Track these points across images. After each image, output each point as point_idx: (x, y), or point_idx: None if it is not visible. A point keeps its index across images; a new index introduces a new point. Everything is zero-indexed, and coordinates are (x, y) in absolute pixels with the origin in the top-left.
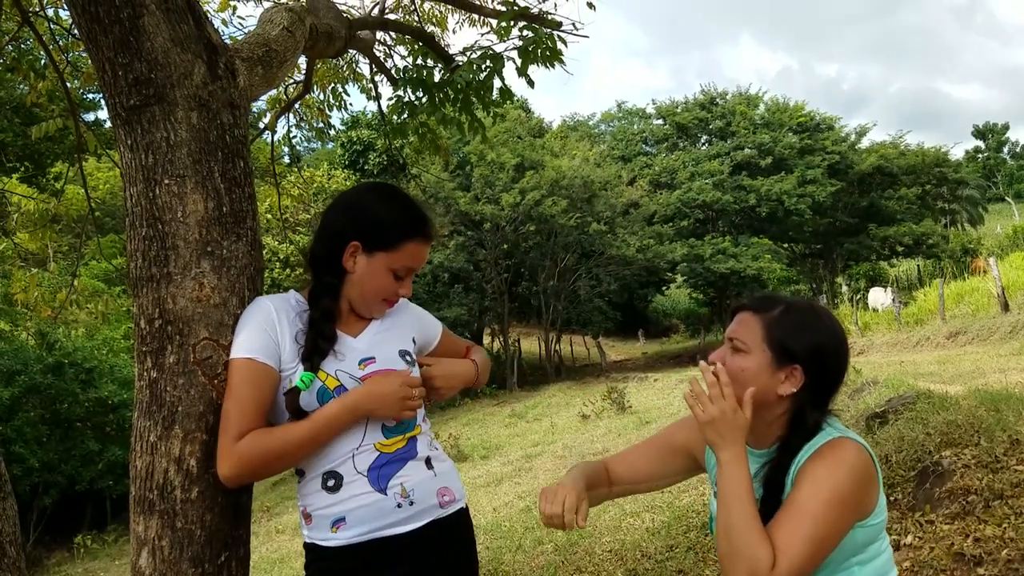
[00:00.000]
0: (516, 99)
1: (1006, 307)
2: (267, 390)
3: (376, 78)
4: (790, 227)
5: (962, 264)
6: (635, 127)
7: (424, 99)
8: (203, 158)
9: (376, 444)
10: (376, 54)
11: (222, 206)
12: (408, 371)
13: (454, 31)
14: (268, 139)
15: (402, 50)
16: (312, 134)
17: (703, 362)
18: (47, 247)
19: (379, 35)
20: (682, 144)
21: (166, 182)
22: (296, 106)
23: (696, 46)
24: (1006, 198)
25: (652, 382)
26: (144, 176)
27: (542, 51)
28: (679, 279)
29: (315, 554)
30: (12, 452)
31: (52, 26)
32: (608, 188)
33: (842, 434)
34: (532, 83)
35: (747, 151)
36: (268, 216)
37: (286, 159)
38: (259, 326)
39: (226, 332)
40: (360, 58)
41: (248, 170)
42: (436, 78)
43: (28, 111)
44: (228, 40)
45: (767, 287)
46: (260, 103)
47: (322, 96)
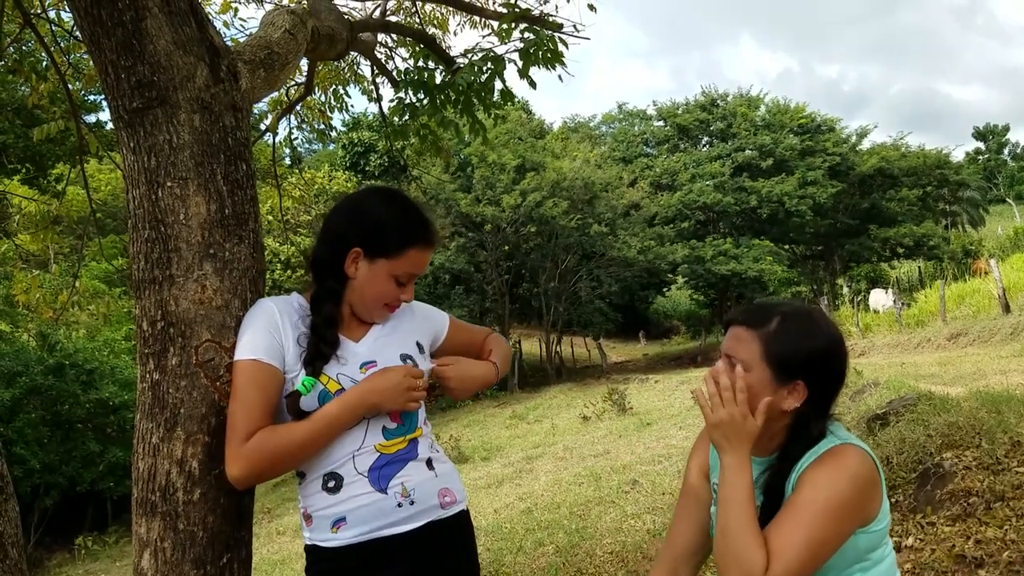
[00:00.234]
0: (517, 101)
1: (1007, 308)
2: (273, 391)
3: (377, 80)
4: (791, 228)
5: (963, 266)
6: (636, 128)
7: (425, 101)
8: (205, 160)
9: (376, 445)
10: (377, 56)
11: (224, 208)
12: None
13: (455, 33)
14: (269, 141)
15: (403, 52)
16: (313, 136)
17: (709, 375)
18: (48, 249)
19: (380, 37)
20: (683, 145)
21: (168, 184)
22: (297, 108)
23: (696, 46)
24: (1007, 199)
25: (653, 383)
26: (147, 178)
27: (543, 53)
28: (680, 280)
29: (315, 555)
30: (13, 453)
31: (54, 28)
32: (609, 189)
33: (845, 441)
34: (533, 84)
35: (748, 152)
36: (269, 218)
37: (287, 160)
38: (263, 328)
39: (228, 334)
40: (361, 60)
41: (250, 172)
42: (437, 80)
43: (30, 113)
44: (230, 43)
45: (768, 289)
46: (261, 105)
47: (323, 98)
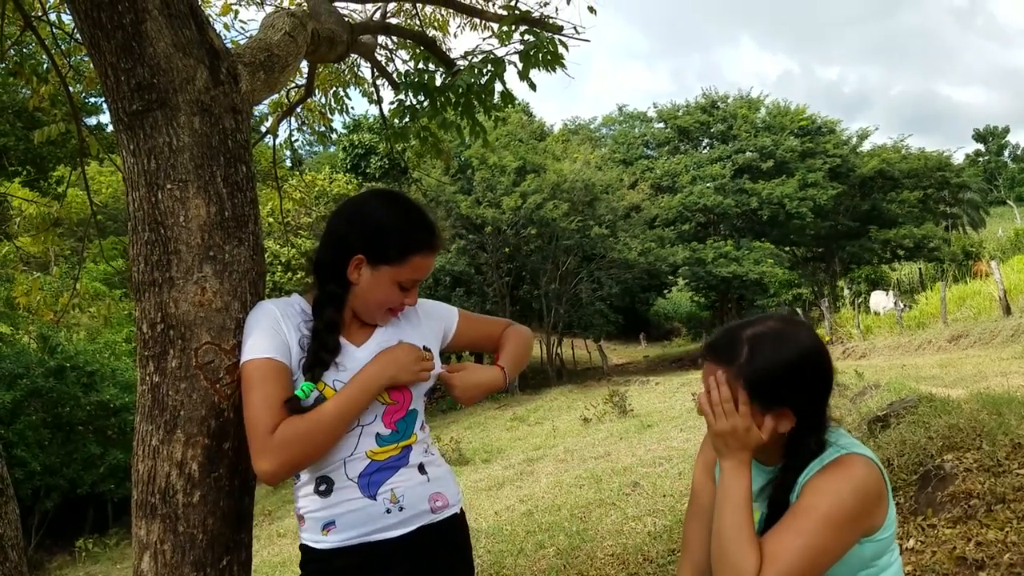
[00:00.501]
0: (518, 103)
1: (1008, 310)
2: (287, 387)
3: (378, 82)
4: (791, 230)
5: (964, 267)
6: (636, 130)
7: (426, 103)
8: (205, 163)
9: (368, 452)
10: (378, 58)
11: (224, 211)
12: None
13: (455, 35)
14: (270, 143)
15: (403, 54)
16: (314, 138)
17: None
18: (49, 251)
19: (381, 39)
20: (683, 147)
21: (168, 187)
22: (298, 110)
23: (696, 48)
24: (1007, 201)
25: (654, 385)
26: (146, 181)
27: (543, 55)
28: (681, 282)
29: (308, 555)
30: (14, 456)
31: (54, 30)
32: (609, 191)
33: (850, 450)
34: (534, 86)
35: (748, 154)
36: (270, 220)
37: (288, 162)
38: (268, 327)
39: (228, 336)
40: (362, 62)
41: (250, 174)
42: (438, 82)
43: (30, 115)
44: (230, 45)
45: (769, 291)
46: (262, 107)
47: (323, 100)
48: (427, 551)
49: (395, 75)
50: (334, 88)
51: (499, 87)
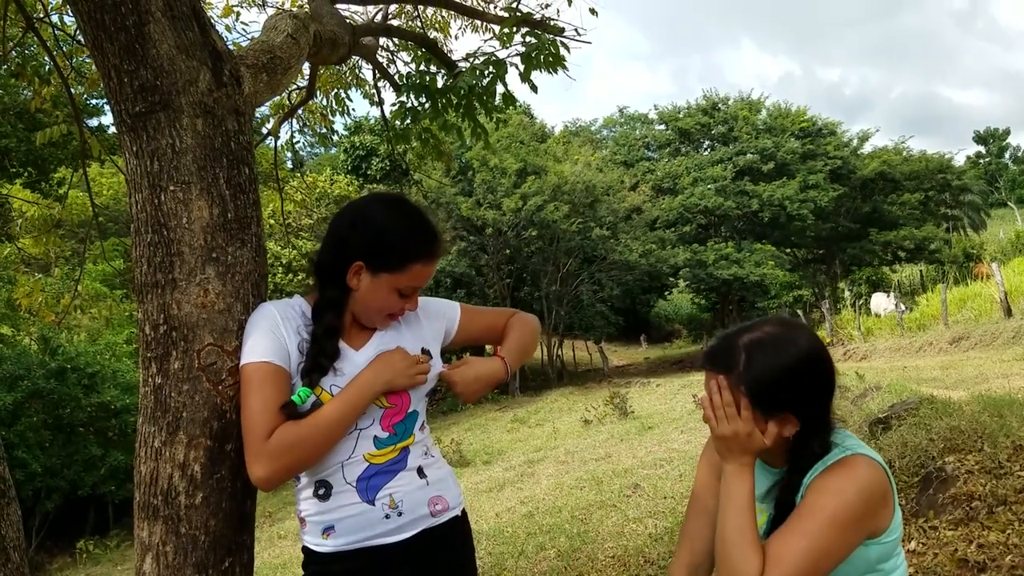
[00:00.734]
0: (519, 104)
1: (1009, 312)
2: (285, 391)
3: (379, 84)
4: (792, 232)
5: (965, 269)
6: (637, 132)
7: (427, 105)
8: (208, 164)
9: (365, 455)
10: (379, 60)
11: (227, 212)
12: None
13: (456, 37)
14: (271, 144)
15: (405, 56)
16: (315, 139)
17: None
18: (50, 253)
19: (382, 41)
20: (684, 149)
21: (171, 188)
22: (299, 111)
23: (697, 50)
24: (1008, 203)
25: (654, 387)
26: (149, 182)
27: (545, 57)
28: (681, 284)
29: (310, 557)
30: (15, 457)
31: (56, 32)
32: (610, 193)
33: (854, 451)
34: (535, 88)
35: (749, 156)
36: (271, 221)
37: (289, 164)
38: (268, 330)
39: (230, 338)
40: (363, 64)
41: (252, 176)
42: (439, 84)
43: (32, 117)
44: (232, 47)
45: (770, 293)
46: (264, 108)
47: (325, 101)
48: (428, 555)
49: (396, 77)
50: (335, 90)
51: (500, 89)
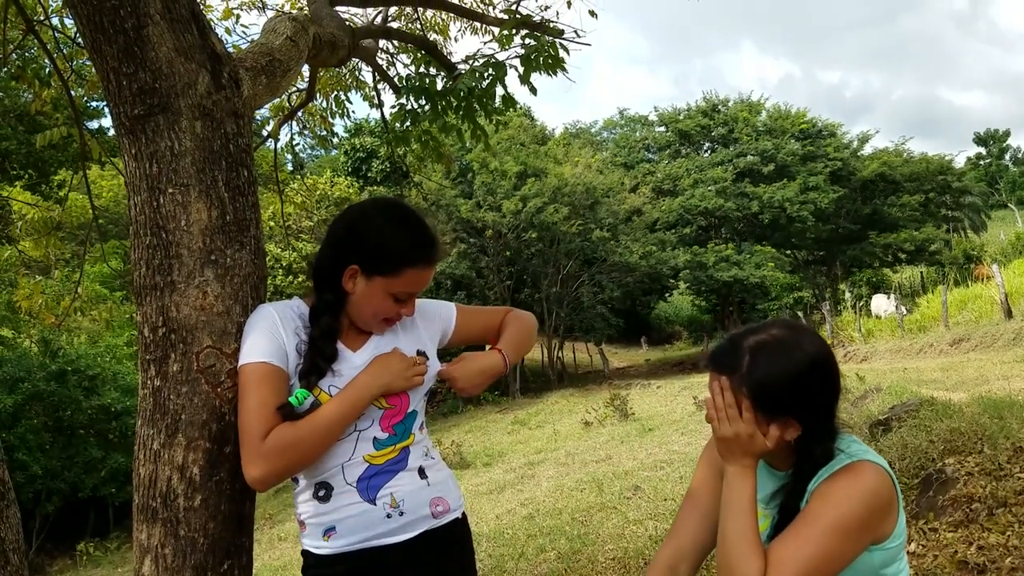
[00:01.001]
0: (520, 107)
1: (1009, 314)
2: (283, 392)
3: (379, 86)
4: (792, 234)
5: (965, 271)
6: (637, 134)
7: (427, 107)
8: (207, 167)
9: (365, 456)
10: (379, 62)
11: (226, 215)
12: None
13: (456, 39)
14: (271, 146)
15: (405, 58)
16: (315, 141)
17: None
18: (50, 255)
19: (382, 43)
20: (685, 151)
21: (170, 191)
22: (299, 114)
23: (697, 53)
24: (1009, 205)
25: (655, 389)
26: (148, 185)
27: (544, 59)
28: (682, 286)
29: (310, 560)
30: (15, 459)
31: (56, 34)
32: (611, 195)
33: (861, 457)
34: (535, 90)
35: (750, 158)
36: (271, 223)
37: (289, 166)
38: (267, 331)
39: (229, 340)
40: (363, 66)
41: (251, 179)
42: (439, 86)
43: (32, 119)
44: (232, 50)
45: (770, 295)
46: (263, 111)
47: (325, 104)
48: (429, 557)
49: (396, 79)
50: (335, 92)
51: (500, 91)
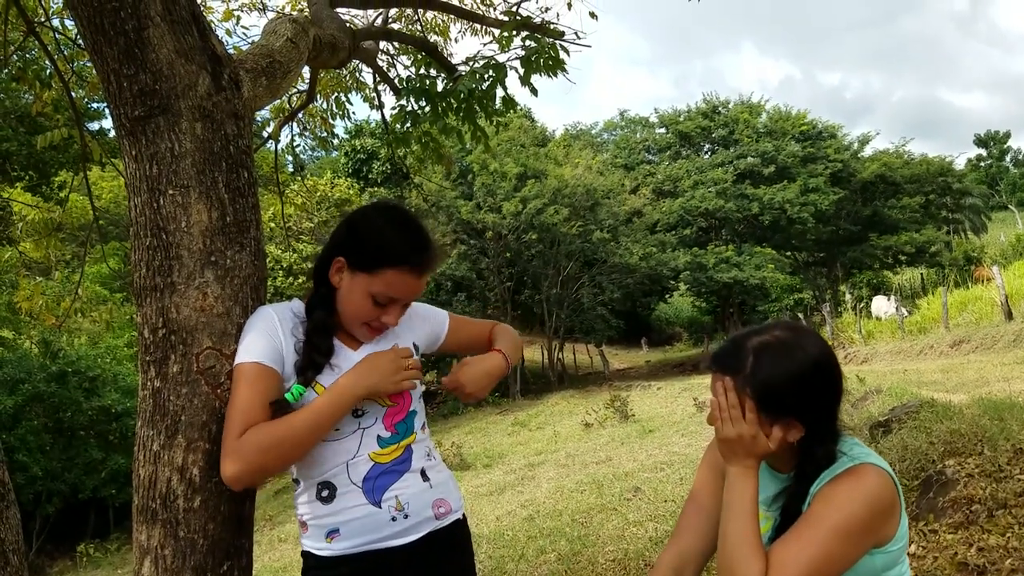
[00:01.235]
0: (520, 108)
1: (1010, 315)
2: (272, 394)
3: (379, 88)
4: (793, 235)
5: (965, 272)
6: (638, 136)
7: (427, 108)
8: (207, 168)
9: (371, 454)
10: (379, 64)
11: (226, 216)
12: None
13: (456, 41)
14: (272, 148)
15: (405, 60)
16: (316, 143)
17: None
18: (51, 256)
19: (382, 45)
20: (685, 152)
21: (170, 192)
22: (300, 115)
23: (698, 54)
24: (1009, 206)
25: (655, 390)
26: (148, 186)
27: (545, 60)
28: (682, 287)
29: (311, 562)
30: (15, 460)
31: (57, 36)
32: (611, 196)
33: (863, 460)
34: (535, 92)
35: (750, 159)
36: (272, 225)
37: (290, 168)
38: (263, 332)
39: (229, 341)
40: (363, 68)
41: (252, 180)
42: (439, 87)
43: (33, 121)
44: (232, 51)
45: (771, 296)
46: (264, 112)
47: (325, 105)
48: (432, 558)
49: (397, 80)
50: (336, 93)
51: (500, 92)
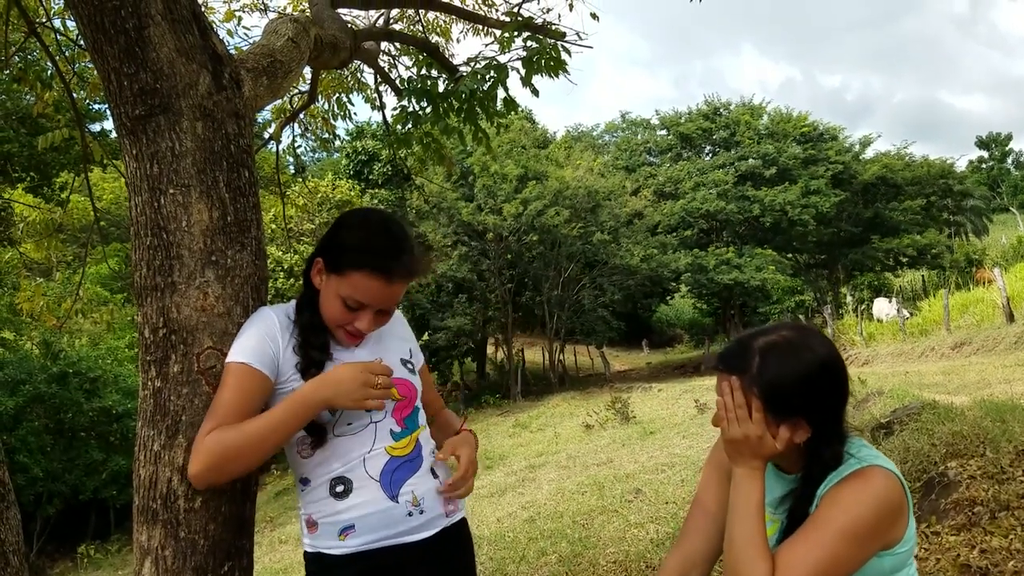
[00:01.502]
0: (521, 109)
1: (1011, 317)
2: (256, 396)
3: (381, 88)
4: (794, 237)
5: (967, 274)
6: (639, 137)
7: (428, 109)
8: (208, 168)
9: (387, 448)
10: (381, 64)
11: (227, 216)
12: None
13: (458, 41)
14: (273, 149)
15: (407, 60)
16: (317, 144)
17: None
18: (51, 257)
19: (384, 46)
20: (686, 154)
21: (171, 192)
22: (301, 116)
23: (698, 55)
24: (1010, 208)
25: (656, 392)
26: (149, 186)
27: (546, 61)
28: (683, 289)
29: (319, 563)
30: (16, 461)
31: (58, 37)
32: (612, 198)
33: (871, 462)
34: (536, 92)
35: (751, 161)
36: (272, 226)
37: (291, 169)
38: (259, 334)
39: (230, 341)
40: (365, 68)
41: (252, 180)
42: (440, 88)
43: (34, 121)
44: (233, 51)
45: (772, 298)
46: (265, 113)
47: (327, 106)
48: (444, 554)
49: (398, 81)
50: (337, 94)
51: (502, 93)
